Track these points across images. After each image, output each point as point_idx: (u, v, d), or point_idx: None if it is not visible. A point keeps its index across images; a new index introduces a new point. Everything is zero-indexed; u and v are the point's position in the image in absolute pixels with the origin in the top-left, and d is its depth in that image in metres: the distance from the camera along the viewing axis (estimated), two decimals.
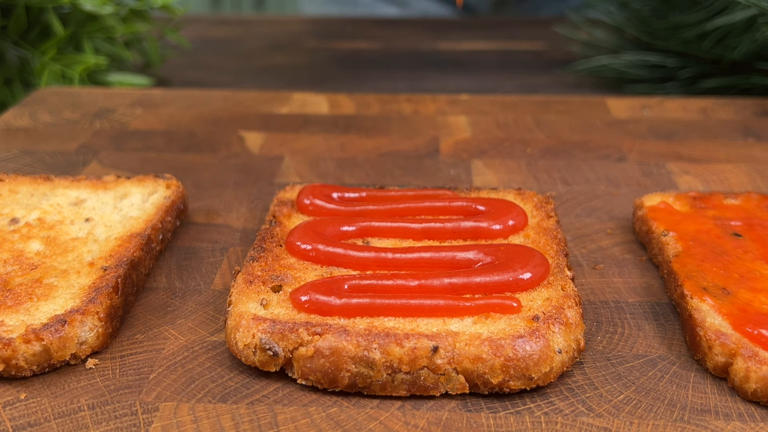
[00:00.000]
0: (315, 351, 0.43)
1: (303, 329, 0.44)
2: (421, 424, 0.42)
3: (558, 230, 0.55)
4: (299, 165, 0.73)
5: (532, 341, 0.43)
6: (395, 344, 0.43)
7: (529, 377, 0.43)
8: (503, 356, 0.43)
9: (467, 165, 0.73)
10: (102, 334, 0.47)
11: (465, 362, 0.43)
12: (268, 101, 0.89)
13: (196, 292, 0.54)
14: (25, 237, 0.55)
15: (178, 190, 0.62)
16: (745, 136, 0.80)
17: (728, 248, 0.53)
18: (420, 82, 0.85)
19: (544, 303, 0.47)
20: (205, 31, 1.29)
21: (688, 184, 0.69)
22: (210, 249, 0.59)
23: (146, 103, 0.88)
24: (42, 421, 0.42)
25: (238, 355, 0.45)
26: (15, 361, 0.44)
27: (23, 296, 0.48)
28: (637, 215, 0.61)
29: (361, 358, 0.43)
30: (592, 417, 0.43)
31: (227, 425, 0.42)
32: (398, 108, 0.85)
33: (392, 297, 0.46)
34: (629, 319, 0.51)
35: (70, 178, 0.63)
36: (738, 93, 0.93)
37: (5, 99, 0.96)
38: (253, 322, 0.45)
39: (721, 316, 0.46)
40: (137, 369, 0.46)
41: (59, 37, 0.93)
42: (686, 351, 0.48)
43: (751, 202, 0.60)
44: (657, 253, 0.56)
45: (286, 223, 0.56)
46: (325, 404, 0.43)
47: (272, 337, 0.44)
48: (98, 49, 0.99)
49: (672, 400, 0.44)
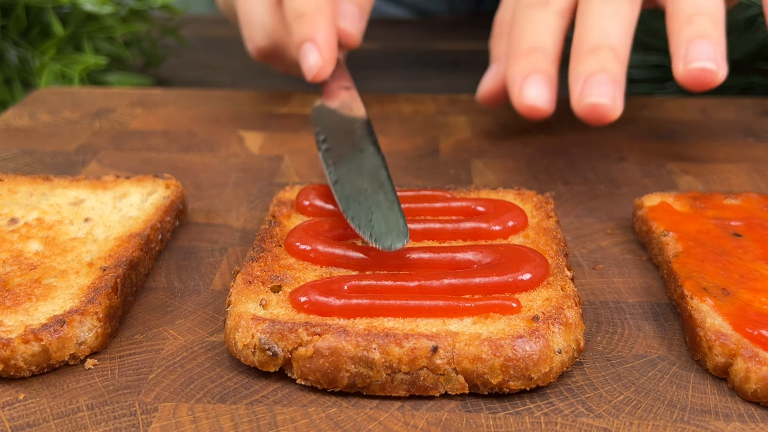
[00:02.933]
0: (314, 351, 0.43)
1: (302, 329, 0.44)
2: (420, 424, 0.42)
3: (558, 230, 0.55)
4: (299, 165, 0.73)
5: (531, 341, 0.43)
6: (395, 344, 0.43)
7: (528, 377, 0.43)
8: (503, 356, 0.43)
9: (467, 165, 0.73)
10: (101, 335, 0.47)
11: (464, 362, 0.43)
12: (267, 101, 0.89)
13: (196, 292, 0.54)
14: (24, 237, 0.55)
15: (177, 190, 0.62)
16: (745, 136, 0.80)
17: (728, 248, 0.53)
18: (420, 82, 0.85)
19: (543, 303, 0.46)
20: (205, 31, 1.29)
21: (688, 184, 0.69)
22: (209, 249, 0.59)
23: (146, 102, 0.88)
24: (41, 422, 0.42)
25: (237, 355, 0.45)
26: (14, 361, 0.44)
27: (22, 296, 0.48)
28: (637, 215, 0.61)
29: (361, 358, 0.43)
30: (591, 417, 0.42)
31: (226, 426, 0.42)
32: (398, 108, 0.85)
33: (392, 298, 0.46)
34: (629, 319, 0.51)
35: (69, 178, 0.63)
36: (738, 93, 0.93)
37: (5, 99, 0.96)
38: (253, 322, 0.45)
39: (722, 316, 0.46)
40: (136, 369, 0.46)
41: (59, 37, 0.93)
42: (686, 351, 0.48)
43: (752, 202, 0.60)
44: (657, 253, 0.56)
45: (286, 223, 0.56)
46: (325, 405, 0.43)
47: (271, 338, 0.44)
48: (98, 48, 0.99)
49: (672, 400, 0.44)
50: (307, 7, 0.71)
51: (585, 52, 0.59)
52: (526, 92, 0.59)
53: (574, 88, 0.58)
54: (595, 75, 0.58)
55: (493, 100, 0.76)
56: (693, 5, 0.60)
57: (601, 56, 0.59)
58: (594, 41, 0.60)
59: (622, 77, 0.59)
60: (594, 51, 0.59)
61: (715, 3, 0.61)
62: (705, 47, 0.57)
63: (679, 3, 0.61)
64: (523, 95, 0.59)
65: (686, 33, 0.59)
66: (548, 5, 0.65)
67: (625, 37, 0.60)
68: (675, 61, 0.58)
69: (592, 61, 0.58)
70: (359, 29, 0.77)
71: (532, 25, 0.64)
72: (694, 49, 0.57)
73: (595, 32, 0.60)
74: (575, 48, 0.61)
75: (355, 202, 0.53)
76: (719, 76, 0.57)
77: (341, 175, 0.56)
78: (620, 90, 0.58)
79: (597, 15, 0.61)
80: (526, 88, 0.59)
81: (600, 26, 0.60)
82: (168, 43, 1.14)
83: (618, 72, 0.58)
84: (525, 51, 0.63)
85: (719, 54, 0.57)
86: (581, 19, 0.63)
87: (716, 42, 0.58)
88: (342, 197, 0.54)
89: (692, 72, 0.57)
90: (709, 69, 0.57)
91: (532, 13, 0.65)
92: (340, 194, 0.54)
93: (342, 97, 0.69)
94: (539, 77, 0.60)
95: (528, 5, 0.66)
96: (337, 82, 0.71)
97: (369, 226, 0.50)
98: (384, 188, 0.54)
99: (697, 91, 0.58)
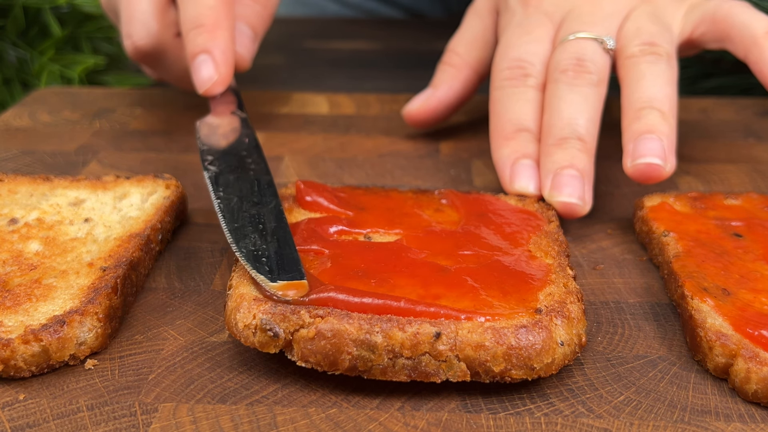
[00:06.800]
0: (316, 333, 0.43)
1: (305, 311, 0.44)
2: (420, 425, 0.42)
3: (559, 233, 0.55)
4: (299, 165, 0.73)
5: (534, 331, 0.43)
6: (397, 329, 0.43)
7: (531, 367, 0.43)
8: (506, 344, 0.43)
9: (467, 165, 0.73)
10: (101, 335, 0.47)
11: (467, 349, 0.43)
12: (267, 101, 0.89)
13: (196, 292, 0.54)
14: (24, 237, 0.55)
15: (177, 190, 0.62)
16: (745, 136, 0.80)
17: (729, 249, 0.53)
18: (420, 82, 0.85)
19: (546, 298, 0.47)
20: None
21: (689, 184, 0.69)
22: (209, 249, 0.59)
23: (146, 103, 0.88)
24: (41, 422, 0.42)
25: (237, 336, 0.45)
26: (14, 361, 0.44)
27: (22, 297, 0.48)
28: (638, 215, 0.61)
29: (363, 342, 0.43)
30: (592, 418, 0.42)
31: (226, 426, 0.42)
32: (398, 108, 0.85)
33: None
34: (629, 319, 0.51)
35: (69, 178, 0.63)
36: (738, 93, 0.93)
37: (4, 99, 0.96)
38: (254, 303, 0.45)
39: (722, 316, 0.46)
40: (136, 370, 0.46)
41: (57, 38, 0.93)
42: (687, 352, 0.48)
43: (752, 202, 0.60)
44: (657, 253, 0.56)
45: (287, 216, 0.56)
46: (325, 405, 0.43)
47: (273, 318, 0.44)
48: (97, 49, 0.99)
49: (672, 401, 0.44)
50: (207, 18, 0.69)
51: (553, 143, 0.61)
52: (517, 182, 0.61)
53: (545, 181, 0.60)
54: (564, 170, 0.59)
55: (421, 123, 0.78)
56: (643, 98, 0.62)
57: (569, 148, 0.60)
58: (562, 132, 0.61)
59: (591, 168, 0.61)
60: (562, 143, 0.61)
61: (666, 94, 0.62)
62: (652, 143, 0.59)
63: (631, 95, 0.63)
64: (514, 184, 0.61)
65: (634, 128, 0.60)
66: (527, 79, 0.66)
67: (592, 125, 0.62)
68: (624, 156, 0.60)
69: (561, 154, 0.60)
70: (251, 52, 0.76)
71: (514, 103, 0.65)
72: (641, 145, 0.59)
73: (564, 122, 0.62)
74: (544, 137, 0.62)
75: (246, 235, 0.51)
76: (666, 170, 0.59)
77: (230, 203, 0.54)
78: (589, 184, 0.60)
79: (564, 102, 0.63)
80: (517, 179, 0.61)
81: (568, 115, 0.62)
82: None
83: (586, 164, 0.60)
84: (510, 132, 0.64)
85: (667, 148, 0.59)
86: (549, 105, 0.64)
87: (664, 135, 0.60)
88: (231, 229, 0.51)
89: (638, 167, 0.59)
90: (655, 164, 0.58)
91: (511, 89, 0.66)
92: (229, 226, 0.52)
93: (231, 120, 0.67)
94: (527, 163, 0.62)
95: (506, 78, 0.67)
96: (227, 105, 0.69)
97: (261, 263, 0.48)
98: (279, 221, 0.52)
99: (646, 183, 0.60)
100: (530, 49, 0.68)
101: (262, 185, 0.57)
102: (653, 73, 0.63)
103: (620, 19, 0.69)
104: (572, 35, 0.67)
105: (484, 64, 0.77)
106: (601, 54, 0.66)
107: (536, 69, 0.67)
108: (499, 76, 0.68)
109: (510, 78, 0.67)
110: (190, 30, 0.70)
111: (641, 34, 0.66)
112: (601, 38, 0.66)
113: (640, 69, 0.64)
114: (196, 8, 0.70)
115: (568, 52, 0.66)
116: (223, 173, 0.58)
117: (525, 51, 0.68)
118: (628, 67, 0.65)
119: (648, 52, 0.65)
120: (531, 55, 0.68)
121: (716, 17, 0.67)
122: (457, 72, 0.77)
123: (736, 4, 0.67)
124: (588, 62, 0.65)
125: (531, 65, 0.67)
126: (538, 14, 0.71)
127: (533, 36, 0.69)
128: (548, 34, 0.69)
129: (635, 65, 0.64)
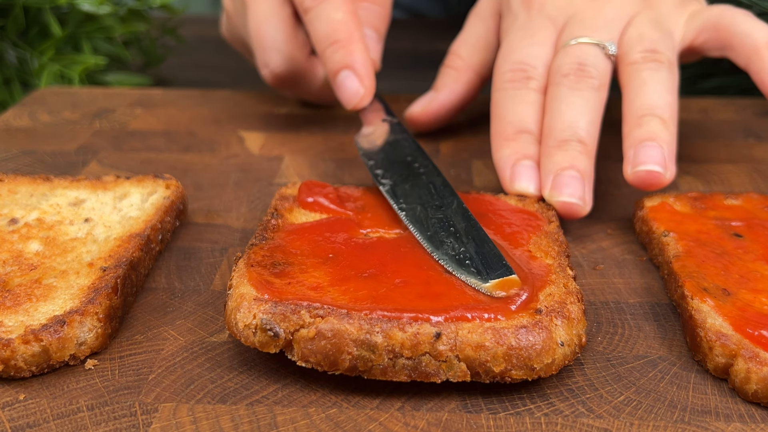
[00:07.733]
0: (317, 333, 0.43)
1: (305, 311, 0.44)
2: (420, 425, 0.42)
3: (559, 233, 0.55)
4: (299, 165, 0.73)
5: (534, 332, 0.43)
6: (398, 329, 0.43)
7: (531, 367, 0.43)
8: (506, 345, 0.43)
9: (467, 165, 0.73)
10: (101, 335, 0.47)
11: (467, 350, 0.43)
12: (268, 101, 0.89)
13: (196, 292, 0.54)
14: (25, 237, 0.55)
15: (177, 190, 0.62)
16: (745, 136, 0.80)
17: (729, 249, 0.53)
18: (420, 82, 0.85)
19: (546, 298, 0.47)
20: (205, 31, 1.28)
21: (689, 185, 0.69)
22: (209, 249, 0.59)
23: (146, 103, 0.88)
24: (41, 422, 0.42)
25: (237, 335, 0.45)
26: (14, 361, 0.44)
27: (22, 297, 0.48)
28: (638, 215, 0.61)
29: (363, 342, 0.43)
30: (592, 418, 0.42)
31: (226, 426, 0.42)
32: (398, 108, 0.85)
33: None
34: (629, 319, 0.51)
35: (69, 178, 0.63)
36: (738, 93, 0.93)
37: (4, 99, 0.96)
38: (255, 302, 0.45)
39: (722, 317, 0.46)
40: (136, 370, 0.46)
41: (57, 38, 0.93)
42: (687, 352, 0.48)
43: (752, 202, 0.60)
44: (657, 253, 0.56)
45: (288, 216, 0.56)
46: (325, 405, 0.43)
47: (273, 318, 0.44)
48: (97, 49, 0.99)
49: (672, 401, 0.44)
50: (341, 33, 0.70)
51: (554, 145, 0.61)
52: (518, 182, 0.61)
53: (545, 182, 0.60)
54: (564, 171, 0.59)
55: (423, 126, 0.78)
56: (644, 106, 0.62)
57: (569, 149, 0.60)
58: (563, 134, 0.61)
59: (591, 170, 0.61)
60: (563, 144, 0.61)
61: (667, 101, 0.62)
62: (652, 150, 0.59)
63: (632, 102, 0.63)
64: (515, 184, 0.61)
65: (635, 135, 0.61)
66: (529, 82, 0.66)
67: (593, 128, 0.62)
68: (624, 162, 0.60)
69: (562, 155, 0.60)
70: (379, 54, 0.77)
71: (515, 104, 0.65)
72: (641, 152, 0.59)
73: (565, 124, 0.62)
74: (545, 139, 0.63)
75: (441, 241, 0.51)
76: (666, 177, 0.59)
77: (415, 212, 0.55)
78: (589, 186, 0.60)
79: (566, 105, 0.63)
80: (517, 179, 0.61)
81: (569, 118, 0.62)
82: (167, 42, 1.14)
83: (587, 166, 0.60)
84: (511, 134, 0.64)
85: (667, 155, 0.59)
86: (550, 108, 0.64)
87: (665, 143, 0.60)
88: (425, 238, 0.52)
89: (639, 174, 0.59)
90: (655, 171, 0.59)
91: (513, 91, 0.66)
92: (423, 235, 0.53)
93: (385, 128, 0.68)
94: (528, 164, 0.62)
95: (508, 80, 0.67)
96: (376, 113, 0.70)
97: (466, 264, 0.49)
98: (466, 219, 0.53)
99: (647, 190, 0.60)
100: (532, 52, 0.68)
101: (438, 187, 0.58)
102: (655, 80, 0.64)
103: (622, 24, 0.69)
104: (574, 40, 0.67)
105: (486, 67, 0.77)
106: (603, 59, 0.66)
107: (538, 72, 0.67)
108: (501, 78, 0.68)
109: (512, 80, 0.67)
110: (327, 48, 0.70)
111: (643, 40, 0.66)
112: (603, 44, 0.66)
113: (642, 76, 0.64)
114: (328, 24, 0.70)
115: (570, 56, 0.66)
116: (398, 184, 0.59)
117: (527, 54, 0.68)
118: (629, 73, 0.65)
119: (650, 59, 0.65)
120: (533, 58, 0.68)
121: (718, 25, 0.67)
122: (460, 75, 0.77)
123: (738, 13, 0.67)
124: (590, 67, 0.65)
125: (533, 68, 0.67)
126: (541, 18, 0.71)
127: (536, 39, 0.69)
128: (551, 38, 0.69)
129: (637, 72, 0.65)
